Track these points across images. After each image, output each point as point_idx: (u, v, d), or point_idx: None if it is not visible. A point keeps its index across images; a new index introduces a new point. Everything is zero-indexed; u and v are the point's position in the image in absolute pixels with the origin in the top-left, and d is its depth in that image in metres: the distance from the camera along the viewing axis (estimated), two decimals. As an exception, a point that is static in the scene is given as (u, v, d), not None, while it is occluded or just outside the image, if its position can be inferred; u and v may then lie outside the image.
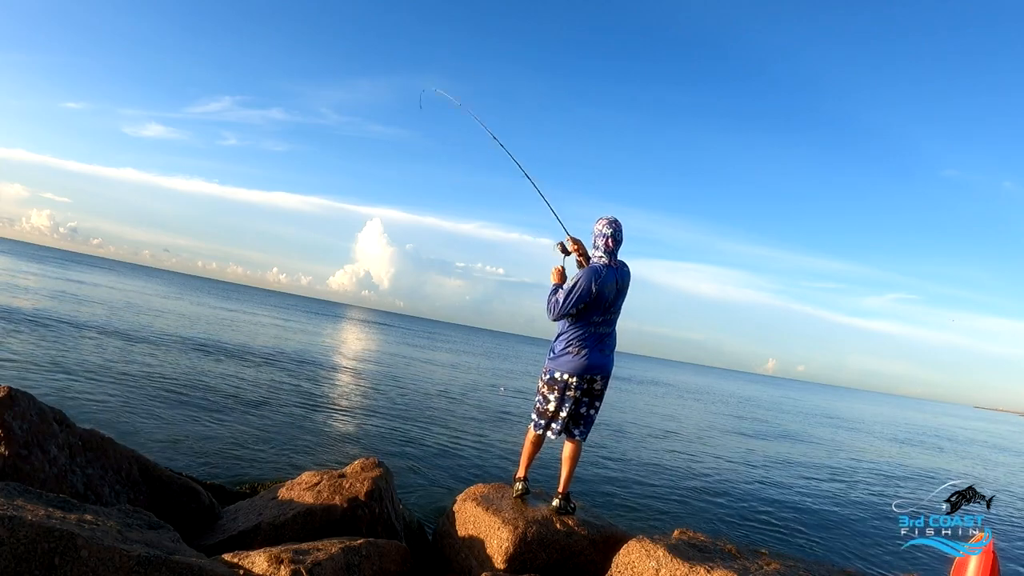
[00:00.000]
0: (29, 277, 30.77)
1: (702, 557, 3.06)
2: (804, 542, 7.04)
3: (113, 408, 7.69)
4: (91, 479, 3.36)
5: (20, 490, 2.50)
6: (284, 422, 8.76)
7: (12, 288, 22.30)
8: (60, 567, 2.11)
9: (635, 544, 3.20)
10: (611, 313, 3.62)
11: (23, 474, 2.92)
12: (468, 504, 3.76)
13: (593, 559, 3.49)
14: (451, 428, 10.41)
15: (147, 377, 10.07)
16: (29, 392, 3.25)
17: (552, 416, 3.69)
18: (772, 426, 20.86)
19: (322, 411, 10.13)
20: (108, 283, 39.77)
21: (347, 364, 19.18)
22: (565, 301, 3.50)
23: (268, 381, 12.10)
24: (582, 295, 3.47)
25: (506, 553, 3.33)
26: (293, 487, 3.82)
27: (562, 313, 3.54)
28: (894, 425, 32.03)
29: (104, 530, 2.33)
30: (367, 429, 9.35)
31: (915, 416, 48.71)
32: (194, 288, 66.49)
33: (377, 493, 3.71)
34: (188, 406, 8.57)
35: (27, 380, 8.12)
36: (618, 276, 3.58)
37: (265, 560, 2.58)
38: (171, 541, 2.58)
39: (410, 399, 13.11)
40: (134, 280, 54.77)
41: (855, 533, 7.74)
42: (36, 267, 43.08)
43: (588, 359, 3.57)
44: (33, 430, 3.10)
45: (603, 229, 3.58)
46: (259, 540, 3.30)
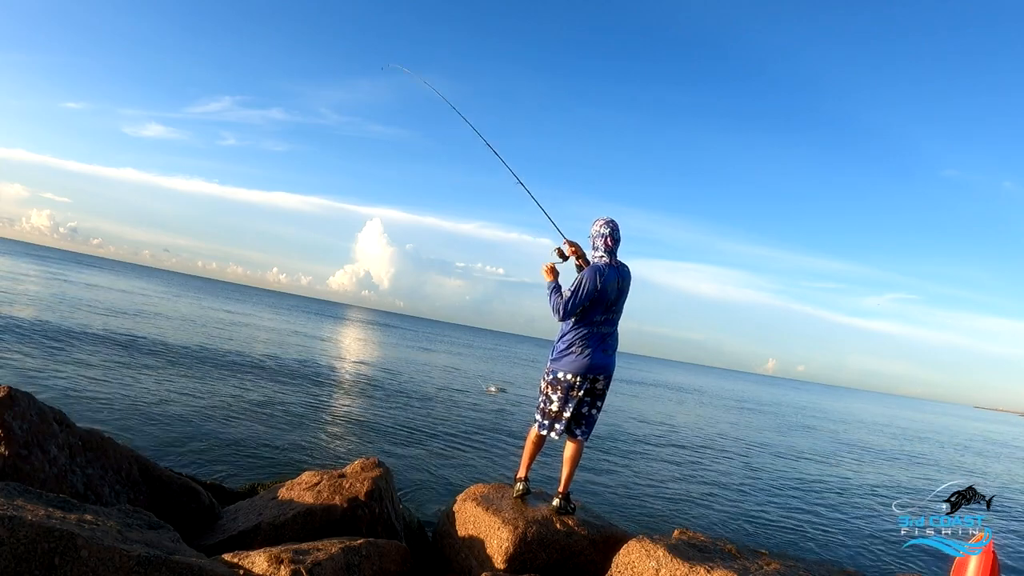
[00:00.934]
0: (29, 277, 30.76)
1: (702, 557, 3.06)
2: (804, 542, 7.05)
3: (113, 408, 7.69)
4: (91, 479, 3.35)
5: (20, 490, 2.50)
6: (284, 422, 8.76)
7: (12, 288, 22.29)
8: (60, 567, 2.10)
9: (635, 544, 3.20)
10: (613, 313, 3.63)
11: (23, 474, 2.92)
12: (468, 504, 3.76)
13: (593, 559, 3.49)
14: (451, 428, 10.41)
15: (147, 377, 10.08)
16: (29, 392, 3.25)
17: (555, 416, 3.69)
18: (772, 426, 20.87)
19: (322, 411, 10.13)
20: (108, 283, 39.77)
21: (347, 364, 19.18)
22: (572, 300, 3.50)
23: (268, 381, 12.10)
24: (589, 292, 3.48)
25: (506, 553, 3.33)
26: (293, 487, 3.82)
27: (570, 312, 3.54)
28: (894, 425, 32.04)
29: (104, 530, 2.33)
30: (367, 429, 9.36)
31: (915, 416, 48.72)
32: (194, 288, 66.50)
33: (377, 493, 3.70)
34: (188, 406, 8.57)
35: (27, 380, 8.13)
36: (619, 275, 3.59)
37: (265, 560, 2.58)
38: (171, 541, 2.58)
39: (410, 399, 13.11)
40: (134, 280, 54.77)
41: (855, 533, 7.74)
42: (36, 267, 43.07)
43: (591, 359, 3.58)
44: (33, 430, 3.10)
45: (601, 229, 3.59)
46: (259, 540, 3.30)
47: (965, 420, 57.52)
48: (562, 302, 3.54)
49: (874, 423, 31.34)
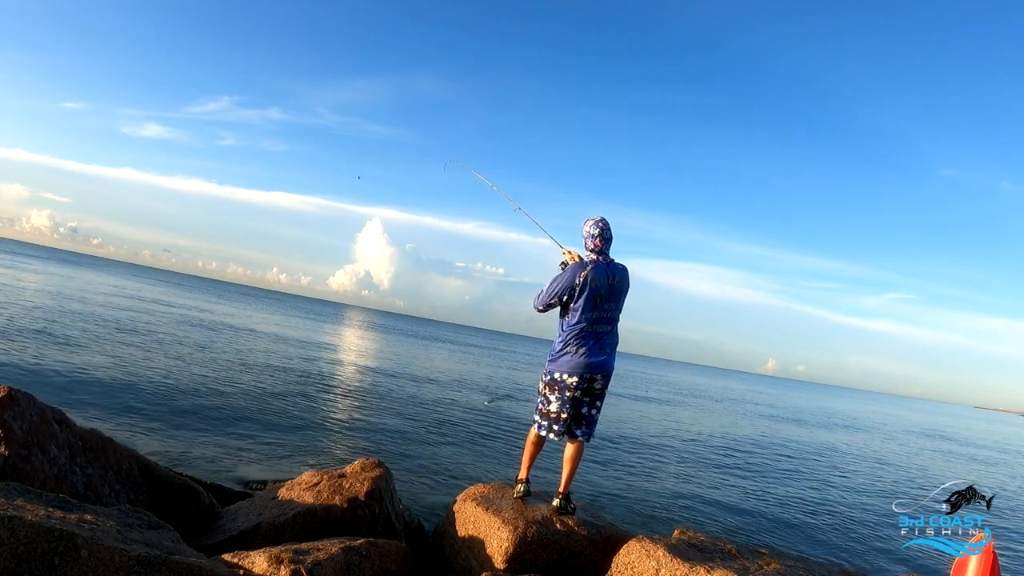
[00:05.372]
0: (29, 278, 30.76)
1: (702, 557, 3.06)
2: (804, 542, 7.04)
3: (113, 408, 7.69)
4: (91, 479, 3.36)
5: (20, 490, 2.50)
6: (284, 422, 8.76)
7: (13, 289, 22.29)
8: (60, 567, 2.10)
9: (635, 544, 3.20)
10: (608, 311, 3.63)
11: (23, 474, 2.92)
12: (468, 504, 3.76)
13: (593, 559, 3.49)
14: (451, 428, 10.41)
15: (147, 377, 10.07)
16: (29, 392, 3.25)
17: (554, 417, 3.69)
18: (772, 426, 20.87)
19: (322, 411, 10.13)
20: (108, 283, 39.76)
21: (347, 365, 19.18)
22: (548, 291, 3.67)
23: (268, 381, 12.10)
24: (564, 286, 3.60)
25: (506, 553, 3.33)
26: (293, 487, 3.82)
27: (544, 303, 3.71)
28: (894, 425, 32.04)
29: (104, 530, 2.33)
30: (367, 429, 9.35)
31: (915, 416, 48.71)
32: (194, 288, 66.50)
33: (377, 493, 3.70)
34: (188, 406, 8.57)
35: (27, 380, 8.12)
36: (610, 272, 3.60)
37: (265, 560, 2.58)
38: (171, 541, 2.58)
39: (410, 400, 13.11)
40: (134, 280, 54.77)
41: (855, 533, 7.74)
42: (37, 267, 43.08)
43: (587, 358, 3.59)
44: (33, 430, 3.10)
45: (590, 230, 3.67)
46: (259, 540, 3.30)
47: (965, 420, 57.51)
48: (538, 293, 3.73)
49: (874, 423, 31.34)
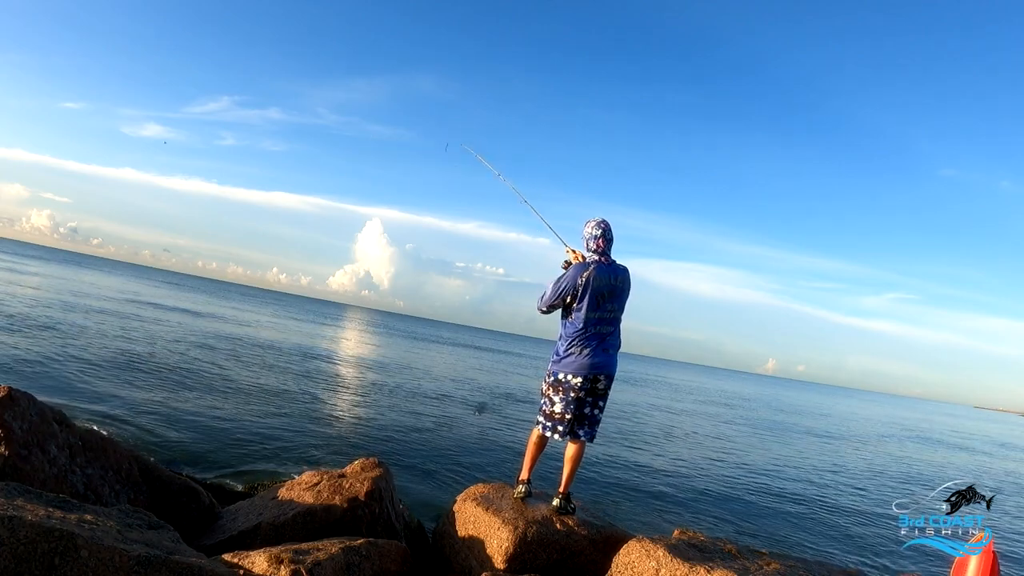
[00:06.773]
0: (30, 278, 30.76)
1: (702, 557, 3.06)
2: (804, 542, 7.04)
3: (113, 408, 7.69)
4: (91, 479, 3.36)
5: (20, 490, 2.50)
6: (284, 422, 8.76)
7: (13, 289, 22.30)
8: (60, 567, 2.10)
9: (635, 544, 3.20)
10: (610, 312, 3.63)
11: (23, 474, 2.92)
12: (468, 504, 3.75)
13: (593, 559, 3.49)
14: (451, 428, 10.41)
15: (147, 378, 10.08)
16: (29, 392, 3.25)
17: (558, 418, 3.70)
18: (772, 426, 20.87)
19: (322, 411, 10.13)
20: (108, 283, 39.76)
21: (347, 364, 19.18)
22: (551, 292, 3.68)
23: (268, 382, 12.10)
24: (567, 287, 3.61)
25: (506, 553, 3.33)
26: (293, 487, 3.82)
27: (548, 304, 3.71)
28: (893, 425, 32.04)
29: (104, 530, 2.33)
30: (367, 429, 9.35)
31: (914, 416, 48.71)
32: (194, 288, 66.50)
33: (377, 493, 3.71)
34: (188, 406, 8.57)
35: (27, 380, 8.12)
36: (612, 273, 3.61)
37: (265, 560, 2.58)
38: (171, 541, 2.58)
39: (410, 399, 13.11)
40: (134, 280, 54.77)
41: (855, 533, 7.74)
42: (37, 267, 43.08)
43: (591, 359, 3.60)
44: (33, 430, 3.10)
45: (592, 231, 3.68)
46: (259, 540, 3.30)
47: (965, 420, 57.51)
48: (541, 294, 3.73)
49: (874, 423, 31.34)
